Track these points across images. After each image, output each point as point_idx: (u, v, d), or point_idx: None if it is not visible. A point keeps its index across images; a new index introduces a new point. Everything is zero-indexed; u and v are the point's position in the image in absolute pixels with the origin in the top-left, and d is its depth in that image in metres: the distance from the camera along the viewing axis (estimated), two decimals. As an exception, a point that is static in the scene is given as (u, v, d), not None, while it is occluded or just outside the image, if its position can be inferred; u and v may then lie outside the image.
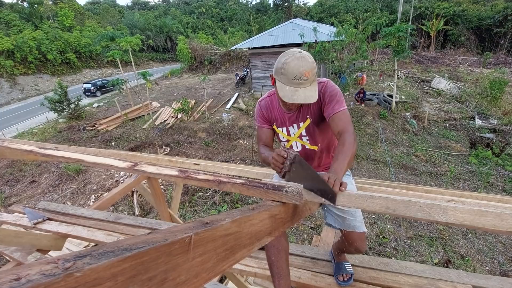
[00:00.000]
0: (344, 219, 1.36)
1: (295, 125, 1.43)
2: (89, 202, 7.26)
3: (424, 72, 17.93)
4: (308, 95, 1.20)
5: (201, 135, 11.15)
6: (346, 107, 1.28)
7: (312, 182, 0.95)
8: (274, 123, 1.49)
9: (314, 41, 12.14)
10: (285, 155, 1.02)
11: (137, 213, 6.52)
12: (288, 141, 1.49)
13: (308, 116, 1.38)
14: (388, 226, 5.93)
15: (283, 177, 1.04)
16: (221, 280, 4.00)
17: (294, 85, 1.19)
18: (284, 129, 1.47)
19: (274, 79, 1.28)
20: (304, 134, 1.43)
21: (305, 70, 1.17)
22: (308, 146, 1.46)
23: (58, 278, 0.29)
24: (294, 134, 1.45)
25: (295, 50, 1.22)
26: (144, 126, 12.33)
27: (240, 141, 10.53)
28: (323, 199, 0.92)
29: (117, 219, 1.86)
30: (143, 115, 13.63)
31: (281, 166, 1.04)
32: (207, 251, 0.52)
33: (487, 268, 4.96)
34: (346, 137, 1.16)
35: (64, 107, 13.43)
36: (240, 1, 52.79)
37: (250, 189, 0.92)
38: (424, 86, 15.18)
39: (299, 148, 1.49)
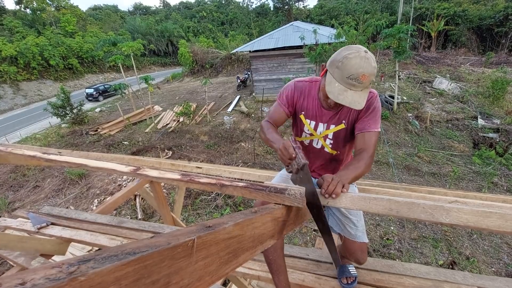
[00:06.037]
0: (345, 225, 1.33)
1: (326, 124, 1.32)
2: (92, 206, 7.28)
3: (425, 73, 17.86)
4: (356, 100, 1.08)
5: (203, 138, 11.17)
6: (379, 129, 1.21)
7: (308, 192, 0.93)
8: (303, 113, 1.36)
9: (314, 43, 12.16)
10: (293, 155, 1.00)
11: (140, 217, 6.53)
12: (311, 134, 1.38)
13: (343, 121, 1.28)
14: (392, 228, 5.89)
15: (289, 172, 1.05)
16: (224, 284, 3.99)
17: (345, 84, 1.07)
18: (313, 123, 1.34)
19: (326, 70, 1.16)
20: (330, 137, 1.33)
21: (363, 72, 1.04)
22: (327, 149, 1.38)
23: (63, 282, 0.29)
24: (320, 133, 1.34)
25: (361, 47, 1.08)
26: (146, 130, 12.37)
27: (242, 144, 10.54)
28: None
29: (120, 223, 1.86)
30: (145, 119, 13.69)
31: (287, 162, 1.03)
32: (210, 254, 0.52)
33: (493, 269, 4.91)
34: (364, 156, 1.11)
35: (67, 112, 13.53)
36: (241, 4, 53.14)
37: (252, 192, 0.92)
38: (426, 87, 15.12)
39: (319, 146, 1.39)
